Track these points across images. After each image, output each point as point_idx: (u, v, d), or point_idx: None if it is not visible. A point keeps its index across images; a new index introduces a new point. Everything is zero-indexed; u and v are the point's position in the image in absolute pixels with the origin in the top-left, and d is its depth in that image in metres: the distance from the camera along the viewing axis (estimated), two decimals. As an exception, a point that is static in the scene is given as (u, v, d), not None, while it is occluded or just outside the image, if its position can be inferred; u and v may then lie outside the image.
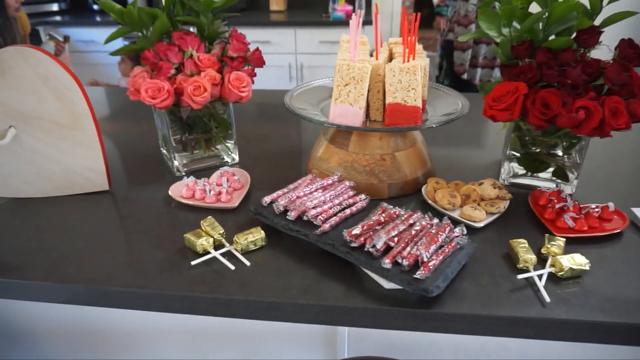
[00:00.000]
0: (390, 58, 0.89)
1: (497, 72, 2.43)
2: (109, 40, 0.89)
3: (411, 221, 0.65)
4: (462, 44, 2.40)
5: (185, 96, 0.82)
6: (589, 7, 0.78)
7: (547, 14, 0.77)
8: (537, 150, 0.86)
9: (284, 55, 3.15)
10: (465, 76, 2.48)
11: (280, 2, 3.43)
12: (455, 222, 0.73)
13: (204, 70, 0.85)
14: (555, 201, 0.75)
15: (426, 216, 0.67)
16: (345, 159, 0.82)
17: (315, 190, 0.74)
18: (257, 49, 0.94)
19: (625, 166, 0.97)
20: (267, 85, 3.22)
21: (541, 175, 0.86)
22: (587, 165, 0.92)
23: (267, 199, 0.74)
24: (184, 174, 0.93)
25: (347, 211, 0.70)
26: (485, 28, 0.80)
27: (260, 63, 0.94)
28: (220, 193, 0.81)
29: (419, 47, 0.86)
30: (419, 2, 5.51)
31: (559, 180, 0.85)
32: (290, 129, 1.18)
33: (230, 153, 0.98)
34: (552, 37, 0.81)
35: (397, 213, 0.67)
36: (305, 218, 0.68)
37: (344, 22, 3.04)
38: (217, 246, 0.69)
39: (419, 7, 5.54)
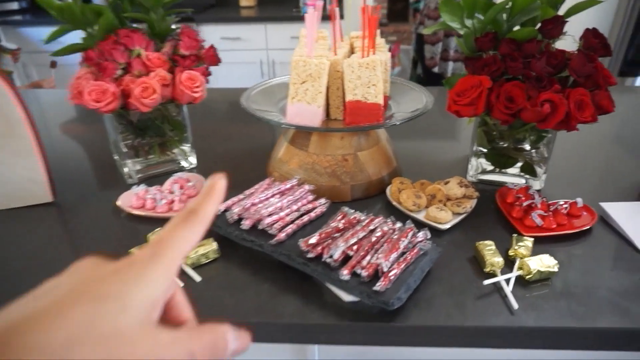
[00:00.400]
0: (352, 53, 0.85)
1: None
2: (49, 39, 0.82)
3: (372, 227, 0.61)
4: (431, 37, 2.38)
5: (133, 99, 0.76)
6: (552, -4, 0.75)
7: (510, 4, 0.74)
8: (505, 145, 0.83)
9: (255, 52, 3.09)
10: (436, 69, 2.46)
11: (250, -3, 3.35)
12: (421, 225, 0.69)
13: (153, 70, 0.80)
14: (523, 198, 0.73)
15: (388, 220, 0.63)
16: (306, 161, 0.78)
17: (272, 196, 0.70)
18: (212, 46, 0.89)
19: (594, 159, 0.95)
20: (238, 82, 3.15)
21: (509, 171, 0.84)
22: (555, 159, 0.90)
23: (220, 207, 0.69)
24: (136, 181, 0.88)
25: (306, 218, 0.66)
26: (447, 20, 0.77)
27: (215, 61, 0.89)
28: (172, 202, 0.75)
29: (380, 40, 0.83)
30: (393, -5, 5.49)
31: (527, 176, 0.82)
32: (254, 129, 1.13)
33: (186, 157, 0.93)
34: (517, 28, 0.79)
35: (357, 218, 0.63)
36: (260, 227, 0.64)
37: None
38: (167, 260, 0.64)
39: (392, 1, 5.53)
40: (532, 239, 0.64)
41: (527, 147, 0.82)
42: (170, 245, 0.23)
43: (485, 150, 0.83)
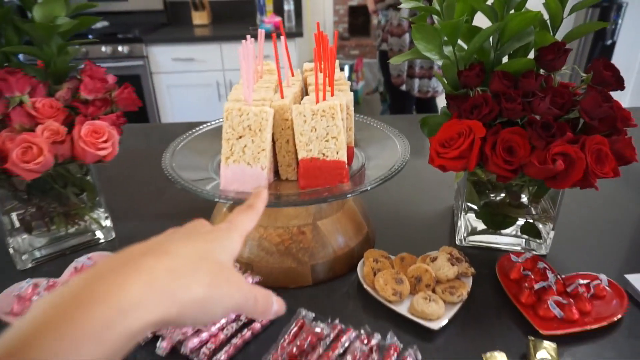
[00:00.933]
0: (306, 92, 0.68)
1: (434, 82, 2.30)
2: None
3: (341, 348, 0.43)
4: (394, 53, 2.26)
5: (11, 163, 0.56)
6: (546, 17, 0.61)
7: (498, 29, 0.59)
8: (499, 199, 0.67)
9: (210, 73, 2.88)
10: (403, 87, 2.33)
11: (204, 15, 3.16)
12: (403, 321, 0.52)
13: (42, 123, 0.60)
14: (532, 277, 0.56)
15: (362, 333, 0.45)
16: (251, 236, 0.60)
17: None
18: (127, 85, 0.70)
19: (611, 214, 0.79)
20: (194, 107, 2.94)
21: (507, 230, 0.68)
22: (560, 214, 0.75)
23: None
24: (29, 265, 0.67)
25: (247, 333, 0.47)
26: (422, 49, 0.61)
27: (132, 104, 0.70)
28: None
29: (339, 74, 0.66)
30: (353, 10, 5.43)
31: (527, 237, 0.67)
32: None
33: (101, 227, 0.73)
34: (505, 58, 0.64)
35: (320, 333, 0.45)
36: (182, 351, 0.45)
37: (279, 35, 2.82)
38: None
39: (353, 16, 5.46)
40: (555, 345, 0.47)
41: (525, 200, 0.66)
42: (239, 224, 0.33)
43: (475, 207, 0.67)
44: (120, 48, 2.71)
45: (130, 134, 1.26)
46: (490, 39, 0.61)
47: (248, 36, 0.57)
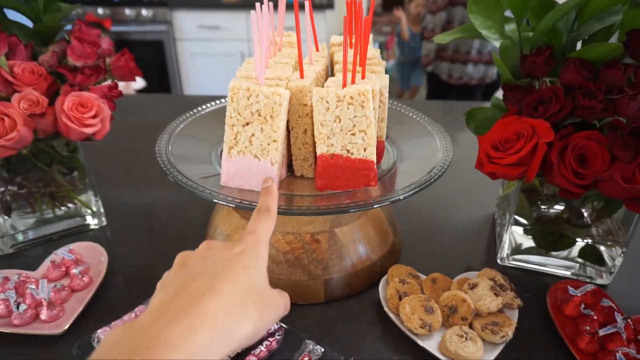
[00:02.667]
0: (332, 72, 0.57)
1: (470, 69, 2.12)
2: None
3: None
4: (429, 32, 2.08)
5: (-20, 137, 0.48)
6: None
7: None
8: (553, 211, 0.56)
9: (235, 42, 2.77)
10: (429, 68, 2.16)
11: (233, -19, 3.02)
12: (434, 367, 0.43)
13: (20, 91, 0.51)
14: (595, 317, 0.46)
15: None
16: (255, 241, 0.50)
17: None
18: (126, 51, 0.60)
19: None
20: (217, 77, 2.84)
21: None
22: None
23: (100, 334, 0.42)
24: (9, 251, 0.59)
25: (240, 368, 0.38)
26: (479, 25, 0.49)
27: (130, 74, 0.60)
28: (39, 305, 0.47)
29: (373, 52, 0.55)
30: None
31: (583, 261, 0.56)
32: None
33: (92, 212, 0.64)
34: (578, 44, 0.51)
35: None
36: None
37: (302, 5, 2.67)
38: None
39: (388, -12, 5.21)
40: (627, 416, 0.37)
41: (588, 217, 0.55)
42: (262, 233, 0.33)
43: (526, 222, 0.56)
44: (144, 12, 2.62)
45: (150, 104, 1.18)
46: (565, 18, 0.49)
47: (261, 3, 0.46)
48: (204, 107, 0.62)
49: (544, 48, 0.48)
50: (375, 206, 0.44)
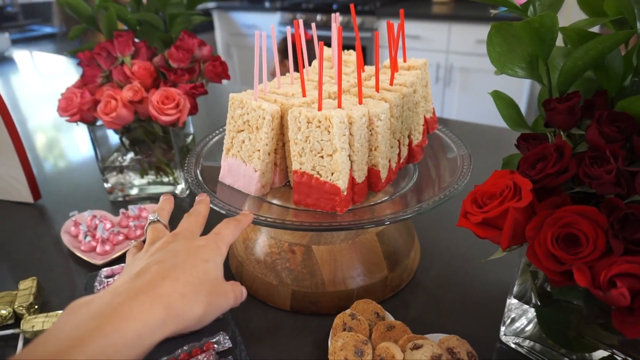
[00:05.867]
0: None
1: None
2: (71, 37, 0.78)
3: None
4: None
5: (98, 112, 0.66)
6: None
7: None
8: (574, 302, 0.44)
9: (433, 53, 2.76)
10: None
11: (447, -7, 2.99)
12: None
13: (133, 82, 0.68)
14: None
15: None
16: (249, 237, 0.56)
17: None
18: (218, 58, 0.72)
19: None
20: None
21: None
22: None
23: (104, 271, 0.54)
24: (119, 198, 0.79)
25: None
26: (498, 65, 0.42)
27: (218, 77, 0.72)
28: (101, 240, 0.63)
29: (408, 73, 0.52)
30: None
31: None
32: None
33: (177, 184, 0.80)
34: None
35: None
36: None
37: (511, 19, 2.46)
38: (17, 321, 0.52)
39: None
40: None
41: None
42: (225, 237, 0.39)
43: (533, 302, 0.45)
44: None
45: None
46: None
47: (261, 32, 0.50)
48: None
49: (576, 93, 0.39)
50: (339, 230, 0.44)
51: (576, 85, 0.42)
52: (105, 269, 0.55)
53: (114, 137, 0.77)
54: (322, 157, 0.45)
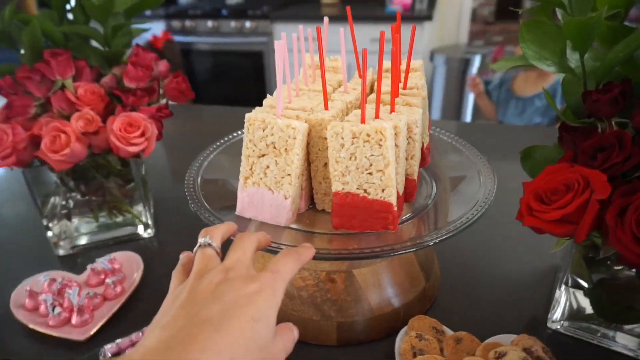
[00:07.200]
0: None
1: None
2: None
3: None
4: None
5: (41, 151, 0.53)
6: None
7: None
8: (626, 277, 0.46)
9: (332, 55, 2.81)
10: None
11: (333, -6, 3.07)
12: None
13: (80, 110, 0.56)
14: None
15: None
16: (272, 272, 0.49)
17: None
18: (178, 73, 0.63)
19: None
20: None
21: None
22: None
23: (108, 349, 0.44)
24: (67, 251, 0.65)
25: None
26: (531, 56, 0.42)
27: (181, 95, 0.63)
28: (70, 310, 0.51)
29: (416, 80, 0.50)
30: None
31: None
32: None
33: (141, 223, 0.68)
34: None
35: None
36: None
37: (404, 18, 2.62)
38: None
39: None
40: None
41: (671, 288, 0.45)
42: (284, 273, 0.31)
43: (585, 284, 0.47)
44: (247, 24, 2.77)
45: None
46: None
47: (283, 35, 0.44)
48: (236, 133, 0.63)
49: (615, 83, 0.40)
50: (392, 254, 0.40)
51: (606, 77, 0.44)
52: (108, 346, 0.44)
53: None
54: (370, 173, 0.41)
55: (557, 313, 0.49)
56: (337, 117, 0.45)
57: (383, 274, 0.48)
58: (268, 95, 0.49)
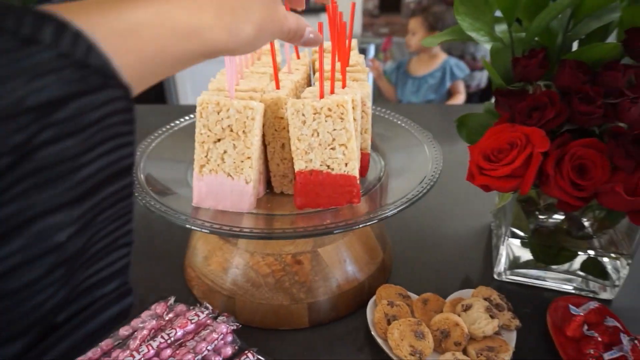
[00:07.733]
0: (312, 81, 0.54)
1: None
2: None
3: None
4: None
5: None
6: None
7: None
8: (552, 221, 0.53)
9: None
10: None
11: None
12: (425, 400, 0.39)
13: None
14: (599, 339, 0.42)
15: None
16: (235, 264, 0.47)
17: (162, 349, 0.39)
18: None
19: None
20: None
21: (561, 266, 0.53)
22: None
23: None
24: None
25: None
26: (467, 28, 0.46)
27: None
28: None
29: (356, 59, 0.51)
30: (384, -17, 5.12)
31: (584, 274, 0.52)
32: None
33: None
34: (574, 44, 0.48)
35: None
36: None
37: (319, 9, 2.64)
38: None
39: (384, -11, 5.17)
40: None
41: (589, 228, 0.52)
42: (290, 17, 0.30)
43: (524, 235, 0.52)
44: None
45: (144, 114, 1.14)
46: (560, 17, 0.46)
47: None
48: (179, 120, 0.59)
49: (538, 50, 0.45)
50: (360, 226, 0.41)
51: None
52: None
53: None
54: (332, 148, 0.41)
55: (501, 265, 0.54)
56: (290, 96, 0.44)
57: (346, 249, 0.49)
58: (211, 79, 0.47)
